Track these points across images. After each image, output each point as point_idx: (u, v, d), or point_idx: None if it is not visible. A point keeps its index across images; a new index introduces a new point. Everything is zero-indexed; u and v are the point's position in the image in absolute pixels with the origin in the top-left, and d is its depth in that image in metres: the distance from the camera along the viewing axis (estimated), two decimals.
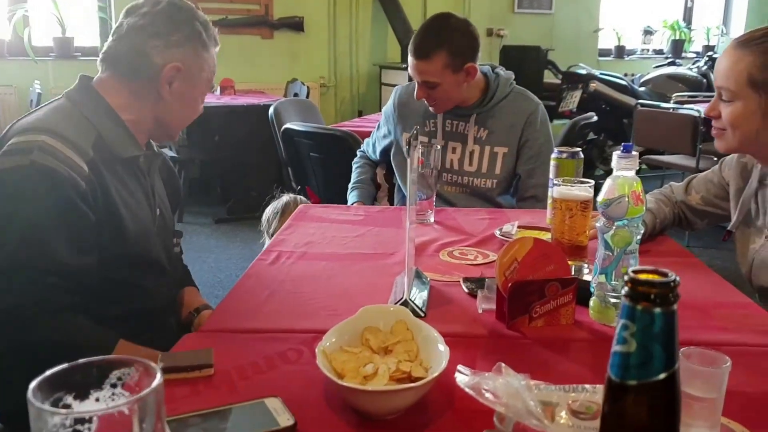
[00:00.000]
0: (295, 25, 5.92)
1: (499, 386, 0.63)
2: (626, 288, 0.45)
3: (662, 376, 0.45)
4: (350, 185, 2.51)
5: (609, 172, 4.91)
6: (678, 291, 0.45)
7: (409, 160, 1.17)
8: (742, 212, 1.55)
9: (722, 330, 1.14)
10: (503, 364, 0.69)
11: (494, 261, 1.34)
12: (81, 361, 0.52)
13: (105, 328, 1.27)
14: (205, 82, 1.45)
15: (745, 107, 1.38)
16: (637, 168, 1.13)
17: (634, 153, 1.12)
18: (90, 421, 0.49)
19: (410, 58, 2.08)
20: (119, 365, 0.53)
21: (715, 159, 4.60)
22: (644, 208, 1.13)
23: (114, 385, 0.54)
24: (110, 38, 1.39)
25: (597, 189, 1.23)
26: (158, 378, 0.51)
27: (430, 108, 2.18)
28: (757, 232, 1.53)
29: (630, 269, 0.46)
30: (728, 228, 1.60)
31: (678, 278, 0.45)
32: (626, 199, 1.11)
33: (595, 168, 5.90)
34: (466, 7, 6.52)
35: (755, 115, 1.37)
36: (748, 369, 0.99)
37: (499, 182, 2.19)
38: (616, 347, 0.45)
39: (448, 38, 2.03)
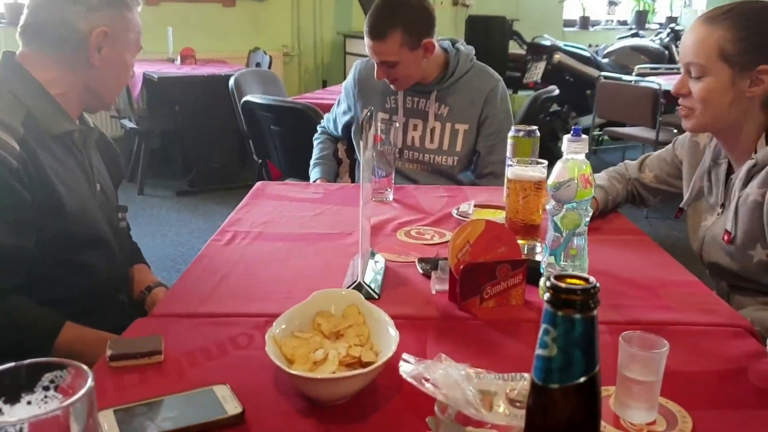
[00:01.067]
0: None
1: (439, 377, 0.64)
2: (548, 294, 0.46)
3: (582, 379, 0.46)
4: (312, 161, 2.49)
5: None
6: (598, 297, 0.46)
7: (362, 143, 1.16)
8: (694, 190, 1.58)
9: (667, 309, 1.17)
10: (443, 355, 0.71)
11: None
12: (9, 365, 0.51)
13: (50, 310, 1.25)
14: (134, 43, 1.40)
15: (717, 81, 1.37)
16: (587, 151, 1.14)
17: (583, 137, 1.14)
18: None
19: (366, 40, 2.06)
20: (51, 368, 0.53)
21: (675, 131, 4.69)
22: (593, 191, 1.14)
23: (46, 388, 0.53)
24: (25, 10, 1.33)
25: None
26: (90, 381, 0.51)
27: (392, 86, 2.17)
28: (709, 209, 1.56)
29: (552, 275, 0.46)
30: (680, 205, 1.64)
31: (598, 284, 0.46)
32: (575, 182, 1.12)
33: (559, 139, 5.95)
34: None
35: (727, 90, 1.37)
36: (688, 349, 1.02)
37: (460, 159, 2.20)
38: (538, 351, 0.46)
39: (401, 16, 2.01)
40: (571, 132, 1.14)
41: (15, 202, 1.19)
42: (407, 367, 0.69)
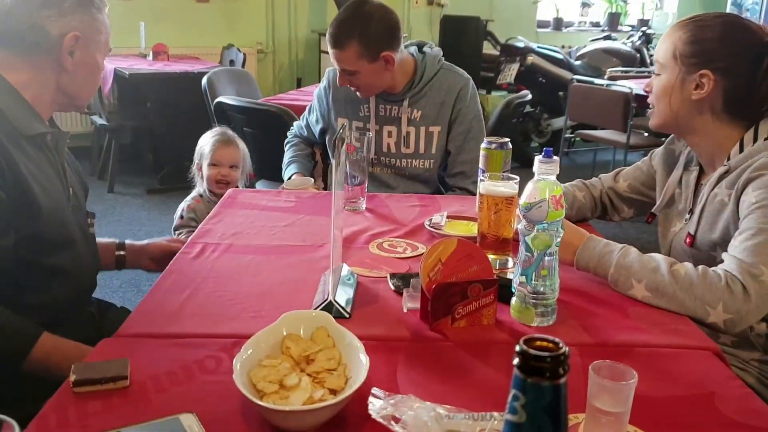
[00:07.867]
0: None
1: (408, 418, 0.63)
2: (517, 359, 0.45)
3: None
4: (286, 160, 2.44)
5: (544, 143, 5.09)
6: (568, 363, 0.45)
7: (333, 163, 1.15)
8: (666, 196, 1.60)
9: (636, 330, 1.18)
10: (413, 396, 0.70)
11: (422, 254, 1.35)
12: None
13: (27, 320, 1.23)
14: (104, 45, 1.41)
15: (668, 79, 1.45)
16: (558, 173, 1.14)
17: (555, 158, 1.14)
18: None
19: (328, 47, 2.05)
20: None
21: (646, 135, 4.74)
22: (564, 212, 1.14)
23: None
24: None
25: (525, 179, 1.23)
26: None
27: (357, 93, 2.15)
28: (677, 215, 1.59)
29: (522, 339, 0.46)
30: (652, 210, 1.66)
31: (568, 349, 0.46)
32: (546, 203, 1.12)
33: (531, 140, 5.99)
34: None
35: (676, 89, 1.44)
36: (655, 372, 1.03)
37: (436, 161, 2.21)
38: (507, 416, 0.46)
39: (359, 28, 1.99)
40: (542, 153, 1.14)
41: None
42: (376, 405, 0.69)
